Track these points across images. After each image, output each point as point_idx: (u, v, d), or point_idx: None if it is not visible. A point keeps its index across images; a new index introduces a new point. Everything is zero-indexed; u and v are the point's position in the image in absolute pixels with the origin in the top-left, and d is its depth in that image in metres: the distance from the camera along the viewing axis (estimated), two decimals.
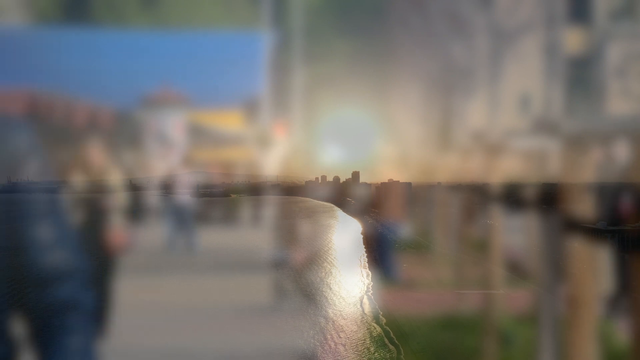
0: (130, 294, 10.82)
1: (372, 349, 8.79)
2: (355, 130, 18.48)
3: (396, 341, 9.07)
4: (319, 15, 17.73)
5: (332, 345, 9.00)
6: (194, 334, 9.02)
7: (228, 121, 17.18)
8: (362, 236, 21.67)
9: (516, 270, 8.60)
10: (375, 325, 9.93)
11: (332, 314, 10.78)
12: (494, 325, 7.94)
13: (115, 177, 14.71)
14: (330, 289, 13.16)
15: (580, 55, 14.44)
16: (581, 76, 14.53)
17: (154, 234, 17.10)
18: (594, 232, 4.23)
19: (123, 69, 16.52)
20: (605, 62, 14.29)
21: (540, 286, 5.50)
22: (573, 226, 4.46)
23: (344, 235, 22.51)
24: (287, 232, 21.71)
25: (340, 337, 9.34)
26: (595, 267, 4.17)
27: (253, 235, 20.93)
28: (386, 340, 9.22)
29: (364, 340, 9.24)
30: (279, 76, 16.67)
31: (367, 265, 15.93)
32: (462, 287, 11.16)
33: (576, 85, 14.52)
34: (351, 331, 9.85)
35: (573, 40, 14.42)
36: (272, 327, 9.80)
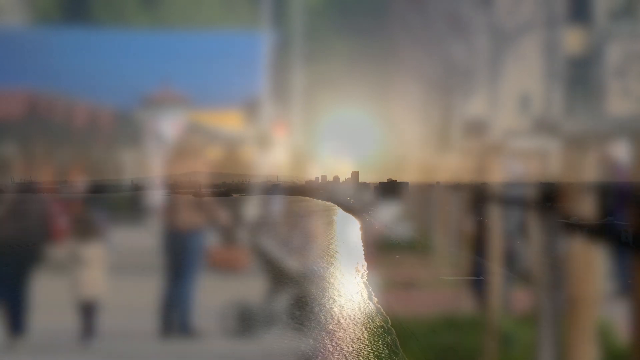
0: None
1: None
2: (355, 130, 18.49)
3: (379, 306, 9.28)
4: (319, 16, 17.74)
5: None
6: None
7: (228, 121, 17.20)
8: (360, 233, 21.78)
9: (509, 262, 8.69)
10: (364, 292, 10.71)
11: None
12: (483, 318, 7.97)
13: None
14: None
15: (580, 55, 14.45)
16: (581, 76, 14.55)
17: None
18: (570, 226, 4.55)
19: (123, 69, 16.54)
20: (605, 62, 14.30)
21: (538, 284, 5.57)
22: (556, 222, 4.80)
23: (345, 233, 22.61)
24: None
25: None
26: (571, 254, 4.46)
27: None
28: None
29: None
30: (279, 76, 16.69)
31: (364, 259, 16.21)
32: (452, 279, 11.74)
33: (576, 85, 14.53)
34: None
35: (573, 40, 14.43)
36: None
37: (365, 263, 15.69)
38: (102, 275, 9.15)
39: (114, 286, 11.70)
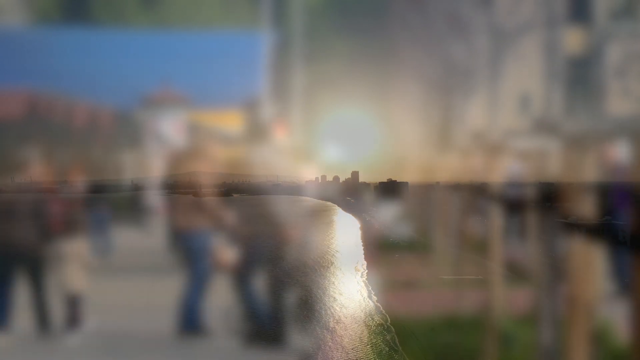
0: None
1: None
2: (355, 130, 18.52)
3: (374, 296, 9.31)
4: (319, 15, 17.76)
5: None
6: None
7: (228, 121, 17.21)
8: (360, 232, 21.85)
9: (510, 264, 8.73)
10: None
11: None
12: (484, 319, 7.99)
13: None
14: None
15: (580, 55, 14.46)
16: (581, 76, 14.55)
17: None
18: (568, 225, 4.63)
19: (123, 69, 16.55)
20: (605, 62, 14.30)
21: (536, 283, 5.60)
22: (556, 222, 4.89)
23: (345, 232, 22.68)
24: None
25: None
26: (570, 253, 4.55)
27: None
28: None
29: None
30: (279, 76, 16.70)
31: (364, 259, 16.28)
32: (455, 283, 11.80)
33: (576, 85, 14.54)
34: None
35: (573, 40, 14.44)
36: None
37: (365, 262, 15.78)
38: (85, 270, 9.37)
39: (115, 286, 11.70)
